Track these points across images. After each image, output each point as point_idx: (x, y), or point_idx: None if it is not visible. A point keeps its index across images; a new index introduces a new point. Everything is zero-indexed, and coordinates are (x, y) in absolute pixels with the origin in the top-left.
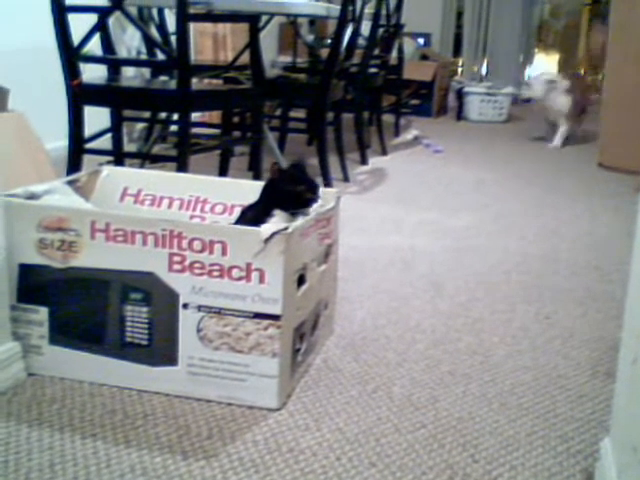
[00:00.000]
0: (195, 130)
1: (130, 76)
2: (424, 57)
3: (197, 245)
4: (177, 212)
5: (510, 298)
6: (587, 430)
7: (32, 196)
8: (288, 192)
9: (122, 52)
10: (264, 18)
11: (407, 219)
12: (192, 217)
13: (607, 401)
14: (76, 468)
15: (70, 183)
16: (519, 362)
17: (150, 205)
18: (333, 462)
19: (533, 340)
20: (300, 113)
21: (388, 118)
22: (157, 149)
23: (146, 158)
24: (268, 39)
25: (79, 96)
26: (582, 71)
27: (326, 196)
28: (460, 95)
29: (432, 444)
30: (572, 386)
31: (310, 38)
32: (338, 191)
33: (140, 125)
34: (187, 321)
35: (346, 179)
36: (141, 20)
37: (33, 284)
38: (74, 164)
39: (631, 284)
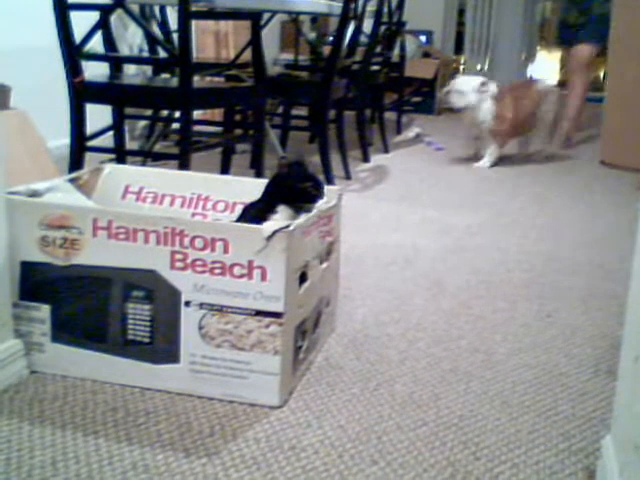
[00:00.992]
0: (197, 128)
1: (132, 74)
2: (426, 55)
3: (199, 243)
4: (179, 210)
5: (512, 296)
6: (589, 428)
7: (34, 194)
8: (294, 188)
9: (124, 50)
10: (266, 16)
11: (409, 217)
12: (194, 215)
13: (609, 399)
14: (78, 465)
15: (72, 181)
16: (521, 360)
17: (152, 203)
18: (335, 460)
19: (535, 338)
20: (302, 111)
21: (390, 116)
22: (159, 147)
23: (148, 156)
24: (270, 37)
25: (81, 94)
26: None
27: (328, 194)
28: None
29: (434, 442)
30: (574, 384)
31: (312, 36)
32: (340, 189)
33: (142, 123)
34: (189, 319)
35: (348, 177)
36: (143, 18)
37: (35, 282)
38: (76, 162)
39: (633, 282)
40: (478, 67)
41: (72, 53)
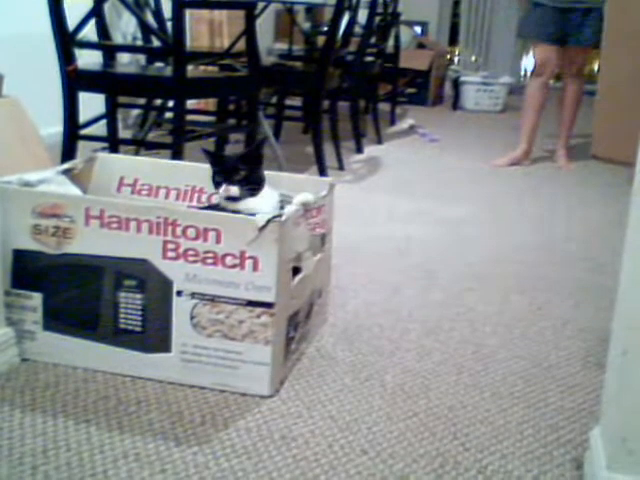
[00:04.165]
0: (190, 117)
1: (125, 62)
2: (420, 46)
3: (191, 232)
4: (174, 202)
5: (503, 288)
6: (577, 420)
7: (27, 185)
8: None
9: (117, 38)
10: (260, 5)
11: (402, 208)
12: (189, 208)
13: (597, 391)
14: (69, 454)
15: (66, 172)
16: (511, 352)
17: (147, 195)
18: (325, 449)
19: (525, 330)
20: (296, 101)
21: (384, 107)
22: (152, 136)
23: (141, 145)
24: (264, 26)
25: (74, 82)
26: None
27: (320, 184)
28: (456, 84)
29: (423, 432)
30: (563, 376)
31: (306, 26)
32: (333, 179)
33: (135, 111)
34: (181, 308)
35: (341, 167)
36: (137, 6)
37: (27, 270)
38: (69, 150)
39: (622, 275)
40: (473, 58)
41: (65, 41)
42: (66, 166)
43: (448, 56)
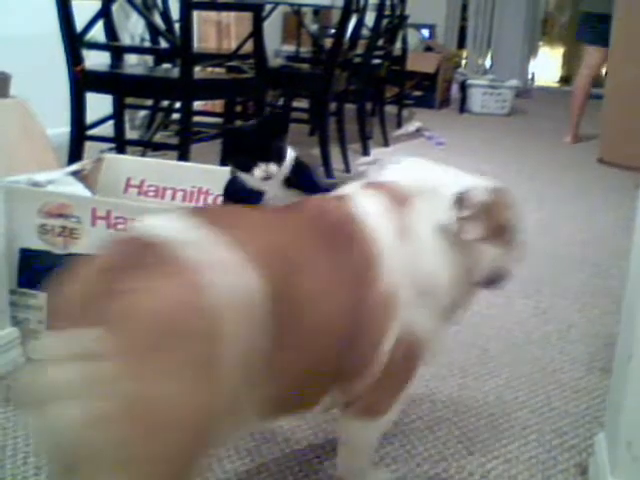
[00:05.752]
0: (197, 118)
1: (133, 63)
2: (428, 49)
3: None
4: (181, 204)
5: (508, 292)
6: (582, 425)
7: (36, 185)
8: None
9: (125, 39)
10: (268, 7)
11: None
12: None
13: (602, 396)
14: None
15: (75, 173)
16: (515, 356)
17: (154, 197)
18: (328, 452)
19: (530, 334)
20: (303, 103)
21: (391, 109)
22: (159, 137)
23: (148, 146)
24: (272, 28)
25: (82, 82)
26: None
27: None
28: (463, 87)
29: (427, 436)
30: (567, 381)
31: (314, 28)
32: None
33: (142, 112)
34: None
35: (347, 170)
36: (145, 7)
37: (34, 269)
38: (76, 151)
39: (628, 280)
40: (480, 62)
41: (73, 42)
42: (75, 167)
43: (455, 59)
